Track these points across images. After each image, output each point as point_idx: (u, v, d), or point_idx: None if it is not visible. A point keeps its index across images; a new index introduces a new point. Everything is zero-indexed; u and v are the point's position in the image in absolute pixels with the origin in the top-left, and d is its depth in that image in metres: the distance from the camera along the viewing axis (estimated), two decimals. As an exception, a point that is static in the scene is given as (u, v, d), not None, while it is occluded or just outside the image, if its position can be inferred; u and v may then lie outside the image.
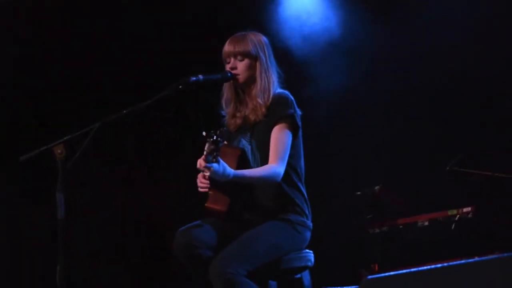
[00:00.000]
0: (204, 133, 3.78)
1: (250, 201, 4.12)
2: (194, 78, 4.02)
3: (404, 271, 2.90)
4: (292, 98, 4.19)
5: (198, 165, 3.90)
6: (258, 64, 4.21)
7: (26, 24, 6.32)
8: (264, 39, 4.31)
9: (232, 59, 4.21)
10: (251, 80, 4.20)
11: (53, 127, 6.01)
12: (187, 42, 6.40)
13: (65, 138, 3.77)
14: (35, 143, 3.86)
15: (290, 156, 4.10)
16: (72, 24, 6.39)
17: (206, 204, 3.98)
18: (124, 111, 3.87)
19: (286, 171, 4.08)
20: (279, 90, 4.23)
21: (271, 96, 4.18)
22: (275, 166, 4.04)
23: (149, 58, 6.44)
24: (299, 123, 4.17)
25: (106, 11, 6.38)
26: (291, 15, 6.44)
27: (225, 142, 4.03)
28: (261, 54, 4.23)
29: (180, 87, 3.98)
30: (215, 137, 3.73)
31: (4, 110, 6.34)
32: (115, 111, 3.88)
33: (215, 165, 3.81)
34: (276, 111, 4.13)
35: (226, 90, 4.29)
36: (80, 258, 6.14)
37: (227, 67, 4.21)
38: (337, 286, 4.94)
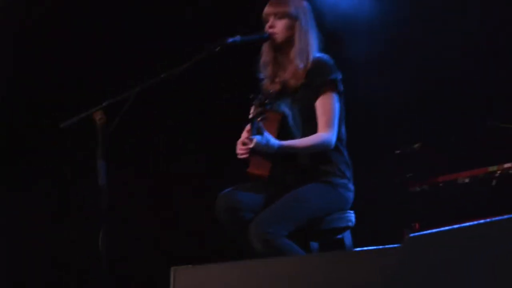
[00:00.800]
0: (251, 96, 3.78)
1: (291, 164, 4.12)
2: (232, 39, 4.01)
3: (446, 228, 2.89)
4: (333, 62, 4.17)
5: (242, 137, 3.91)
6: (297, 25, 4.20)
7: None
8: (305, 3, 4.29)
9: (272, 18, 4.19)
10: (289, 41, 4.19)
11: (91, 93, 6.02)
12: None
13: (105, 103, 3.79)
14: (74, 110, 3.89)
15: None
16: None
17: (248, 170, 3.99)
18: (162, 75, 3.88)
19: None
20: (319, 54, 4.21)
21: (310, 59, 4.16)
22: (326, 134, 4.04)
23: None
24: (343, 88, 4.16)
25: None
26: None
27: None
28: (301, 15, 4.22)
29: (218, 47, 3.97)
30: (262, 100, 3.73)
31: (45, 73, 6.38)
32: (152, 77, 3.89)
33: (258, 137, 3.81)
34: (319, 76, 4.11)
35: (264, 52, 4.27)
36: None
37: (266, 26, 4.20)
38: (379, 246, 4.94)
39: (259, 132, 3.80)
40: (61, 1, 6.29)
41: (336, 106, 4.10)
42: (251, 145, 3.83)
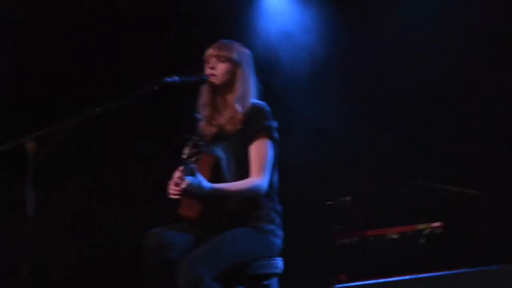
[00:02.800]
0: (186, 136, 3.76)
1: (221, 207, 4.11)
2: (170, 79, 4.00)
3: (370, 281, 2.91)
4: (269, 109, 4.19)
5: (174, 176, 3.89)
6: (239, 71, 4.21)
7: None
8: (248, 51, 4.32)
9: (214, 60, 4.20)
10: (228, 85, 4.19)
11: (25, 122, 5.96)
12: (166, 44, 6.42)
13: (37, 133, 3.74)
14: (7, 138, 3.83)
15: None
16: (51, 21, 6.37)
17: (178, 211, 3.97)
18: (96, 109, 3.85)
19: None
20: (256, 101, 4.23)
21: (248, 105, 4.18)
22: (258, 179, 4.04)
23: (127, 57, 6.42)
24: (277, 135, 4.18)
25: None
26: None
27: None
28: (244, 63, 4.24)
29: (156, 87, 3.96)
30: (197, 141, 3.72)
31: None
32: (88, 108, 3.86)
33: (191, 178, 3.79)
34: (255, 122, 4.12)
35: (203, 93, 4.27)
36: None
37: (207, 67, 4.20)
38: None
39: (192, 174, 3.79)
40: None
41: (270, 152, 4.11)
42: (183, 186, 3.81)
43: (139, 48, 6.44)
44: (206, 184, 3.89)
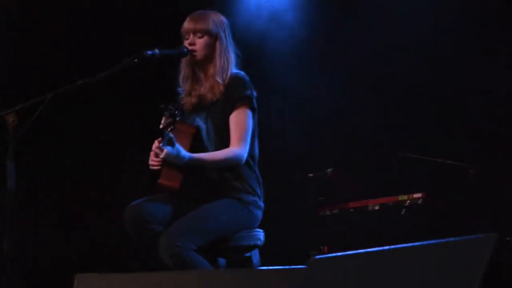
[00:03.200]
0: (162, 106, 3.76)
1: (203, 178, 4.12)
2: (150, 52, 3.99)
3: (350, 252, 2.92)
4: (248, 79, 4.19)
5: (153, 147, 3.90)
6: (217, 43, 4.20)
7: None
8: (224, 19, 4.30)
9: (191, 35, 4.19)
10: (208, 58, 4.19)
11: (7, 95, 5.94)
12: (145, 16, 6.39)
13: (18, 107, 3.74)
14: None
15: None
16: None
17: (158, 180, 3.97)
18: (78, 82, 3.84)
19: None
20: (236, 71, 4.23)
21: (228, 75, 4.18)
22: (237, 149, 4.05)
23: (109, 29, 6.39)
24: (256, 105, 4.18)
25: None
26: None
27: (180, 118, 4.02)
28: (221, 33, 4.23)
29: (136, 60, 3.94)
30: (173, 110, 3.72)
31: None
32: (68, 82, 3.85)
33: (169, 147, 3.80)
34: (235, 92, 4.12)
35: (183, 67, 4.27)
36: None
37: (186, 43, 4.20)
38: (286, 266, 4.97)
39: (170, 143, 3.80)
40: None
41: (250, 122, 4.12)
42: (161, 155, 3.82)
43: (118, 20, 6.40)
44: (184, 153, 3.89)
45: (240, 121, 4.09)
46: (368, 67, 6.23)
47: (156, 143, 3.87)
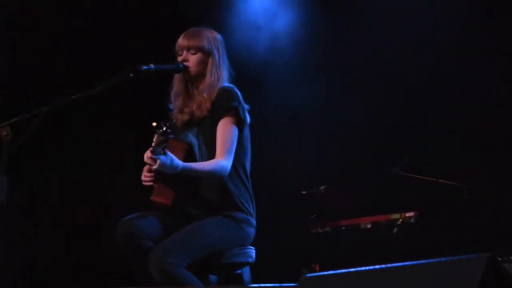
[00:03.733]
0: (154, 124, 3.76)
1: (195, 196, 4.12)
2: (145, 67, 4.00)
3: (342, 270, 2.92)
4: (237, 92, 4.18)
5: (145, 158, 3.89)
6: (210, 60, 4.21)
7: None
8: (219, 36, 4.30)
9: (185, 52, 4.19)
10: (201, 74, 4.19)
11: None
12: (141, 31, 6.40)
13: (12, 120, 3.73)
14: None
15: (235, 151, 4.10)
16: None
17: (151, 197, 3.97)
18: (72, 96, 3.85)
19: (232, 167, 4.09)
20: (225, 84, 4.22)
21: (216, 91, 4.18)
22: (222, 160, 4.04)
23: (104, 44, 6.40)
24: (244, 117, 4.17)
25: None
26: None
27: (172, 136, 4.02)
28: (215, 50, 4.23)
29: (131, 75, 3.95)
30: (164, 128, 3.72)
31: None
32: (63, 96, 3.85)
33: (162, 157, 3.80)
34: (221, 105, 4.12)
35: (176, 82, 4.27)
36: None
37: (179, 59, 4.20)
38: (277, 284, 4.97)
39: (163, 153, 3.79)
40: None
41: (234, 133, 4.10)
42: (154, 166, 3.81)
43: (114, 34, 6.41)
44: (178, 162, 3.87)
45: (226, 132, 4.08)
46: (362, 77, 6.23)
47: (148, 153, 3.86)
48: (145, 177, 3.95)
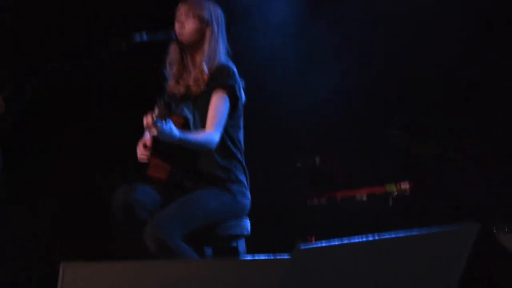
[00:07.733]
0: (157, 98, 3.75)
1: (190, 169, 4.12)
2: (138, 37, 3.98)
3: (336, 242, 2.92)
4: (234, 69, 4.18)
5: (145, 123, 3.86)
6: (208, 31, 4.19)
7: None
8: (221, 12, 4.29)
9: (184, 16, 4.17)
10: (196, 45, 4.18)
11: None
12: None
13: (4, 93, 3.72)
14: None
15: (230, 127, 4.11)
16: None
17: (147, 172, 3.98)
18: (65, 68, 3.83)
19: (225, 142, 4.11)
20: (224, 61, 4.21)
21: (215, 65, 4.16)
22: (211, 132, 4.03)
23: (97, 13, 6.35)
24: (239, 95, 4.17)
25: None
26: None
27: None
28: (214, 22, 4.22)
29: (124, 44, 3.93)
30: (167, 101, 3.71)
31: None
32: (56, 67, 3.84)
33: (162, 124, 3.77)
34: (216, 80, 4.11)
35: (172, 51, 4.26)
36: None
37: (177, 24, 4.17)
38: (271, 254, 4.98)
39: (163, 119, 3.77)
40: None
41: (225, 108, 4.09)
42: (154, 132, 3.77)
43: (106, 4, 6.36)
44: (176, 131, 3.85)
45: (217, 106, 4.07)
46: (357, 45, 6.19)
47: (149, 119, 3.81)
48: (141, 153, 3.94)
